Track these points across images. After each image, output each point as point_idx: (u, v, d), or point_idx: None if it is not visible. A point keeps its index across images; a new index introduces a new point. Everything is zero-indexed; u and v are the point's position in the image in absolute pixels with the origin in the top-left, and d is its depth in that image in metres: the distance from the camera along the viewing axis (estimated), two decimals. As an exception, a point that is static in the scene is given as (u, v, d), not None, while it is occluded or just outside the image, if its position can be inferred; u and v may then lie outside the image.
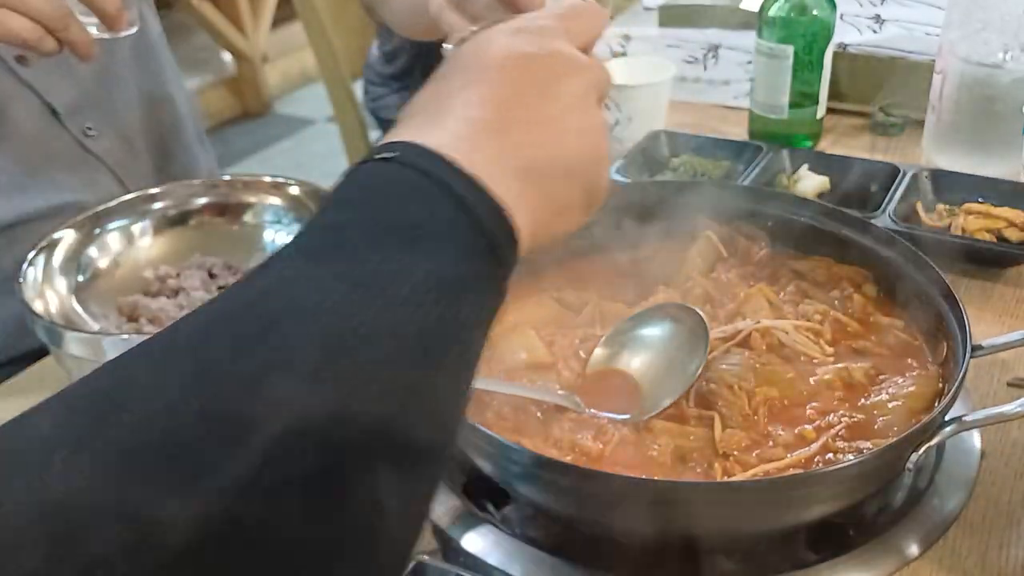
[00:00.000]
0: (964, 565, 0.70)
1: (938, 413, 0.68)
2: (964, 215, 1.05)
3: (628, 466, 0.71)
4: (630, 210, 0.96)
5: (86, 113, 1.18)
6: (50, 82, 1.14)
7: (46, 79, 1.14)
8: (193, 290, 0.95)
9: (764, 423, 0.75)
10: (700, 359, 0.78)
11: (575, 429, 0.75)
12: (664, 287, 0.91)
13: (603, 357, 0.83)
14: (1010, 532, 0.72)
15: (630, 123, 1.33)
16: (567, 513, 0.72)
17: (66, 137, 1.16)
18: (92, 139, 1.18)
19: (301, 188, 1.03)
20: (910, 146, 1.31)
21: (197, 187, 1.05)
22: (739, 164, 1.22)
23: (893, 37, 1.39)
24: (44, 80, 1.14)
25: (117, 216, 1.01)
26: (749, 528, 0.69)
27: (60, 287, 0.94)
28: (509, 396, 0.77)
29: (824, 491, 0.66)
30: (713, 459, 0.72)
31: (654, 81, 1.32)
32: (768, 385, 0.77)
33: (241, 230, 1.04)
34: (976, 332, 0.74)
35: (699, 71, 1.55)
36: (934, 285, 0.82)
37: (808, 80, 1.25)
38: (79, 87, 1.17)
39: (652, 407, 0.77)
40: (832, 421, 0.74)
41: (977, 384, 0.86)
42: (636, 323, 0.84)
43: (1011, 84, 1.14)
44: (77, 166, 1.16)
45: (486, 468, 0.73)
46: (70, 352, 0.81)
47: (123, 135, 1.21)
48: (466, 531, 0.74)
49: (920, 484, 0.76)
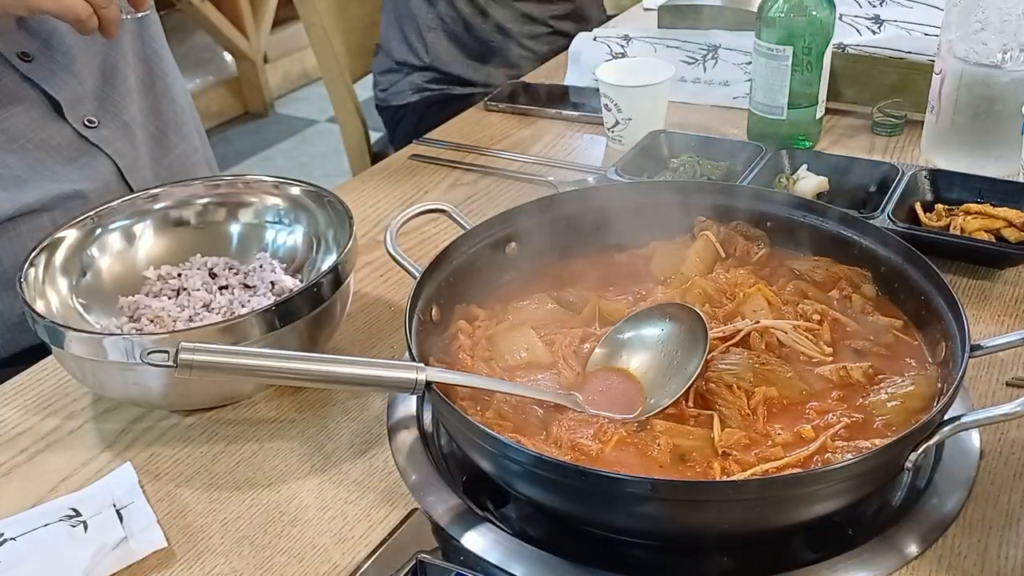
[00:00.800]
0: (963, 564, 0.70)
1: (937, 413, 0.68)
2: (963, 215, 1.05)
3: (627, 465, 0.72)
4: (629, 210, 0.97)
5: (87, 105, 1.19)
6: (53, 77, 1.15)
7: (49, 74, 1.15)
8: (194, 290, 0.96)
9: (763, 422, 0.75)
10: (699, 359, 0.78)
11: (575, 428, 0.75)
12: (663, 287, 0.91)
13: (603, 356, 0.83)
14: (1009, 531, 0.72)
15: (630, 123, 1.33)
16: (567, 512, 0.73)
17: (67, 130, 1.17)
18: (92, 129, 1.19)
19: (302, 188, 1.03)
20: (909, 146, 1.32)
21: (198, 187, 1.05)
22: (738, 164, 1.23)
23: (892, 38, 1.40)
24: (47, 75, 1.15)
25: (118, 216, 1.01)
26: (749, 527, 0.69)
27: (61, 287, 0.94)
28: (509, 395, 0.78)
29: (823, 490, 0.66)
30: (712, 458, 0.72)
31: (654, 81, 1.33)
32: (767, 385, 0.77)
33: (242, 230, 1.04)
34: (975, 332, 0.75)
35: (699, 71, 1.55)
36: (933, 285, 0.82)
37: (807, 80, 1.25)
38: (81, 81, 1.18)
39: (652, 406, 0.77)
40: (831, 421, 0.75)
41: (976, 384, 0.86)
42: (635, 323, 0.84)
43: (1010, 84, 1.14)
44: (77, 156, 1.18)
45: (486, 467, 0.73)
46: (72, 352, 0.82)
47: (123, 125, 1.22)
48: (466, 530, 0.74)
49: (919, 483, 0.76)
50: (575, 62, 1.66)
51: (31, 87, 1.15)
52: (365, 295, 1.06)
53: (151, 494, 0.80)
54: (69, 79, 1.17)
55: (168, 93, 1.32)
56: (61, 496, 0.80)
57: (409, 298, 0.81)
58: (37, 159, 1.16)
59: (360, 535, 0.75)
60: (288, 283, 0.97)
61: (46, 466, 0.85)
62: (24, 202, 1.14)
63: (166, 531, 0.76)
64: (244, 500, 0.80)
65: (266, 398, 0.90)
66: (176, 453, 0.85)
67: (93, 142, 1.19)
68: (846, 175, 1.16)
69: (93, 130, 1.19)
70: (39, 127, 1.16)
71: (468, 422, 0.69)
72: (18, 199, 1.14)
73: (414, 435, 0.84)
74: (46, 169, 1.17)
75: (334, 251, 0.98)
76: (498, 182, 1.30)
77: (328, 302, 0.87)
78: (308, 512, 0.78)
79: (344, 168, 2.37)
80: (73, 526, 0.75)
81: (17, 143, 1.15)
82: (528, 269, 0.95)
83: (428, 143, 1.42)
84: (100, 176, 1.18)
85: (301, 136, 3.92)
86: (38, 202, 1.15)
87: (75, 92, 1.18)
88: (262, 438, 0.86)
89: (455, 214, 0.95)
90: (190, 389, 0.85)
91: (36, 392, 0.94)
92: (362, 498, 0.79)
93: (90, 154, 1.19)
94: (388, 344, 0.98)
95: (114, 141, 1.21)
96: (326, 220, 1.00)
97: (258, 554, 0.74)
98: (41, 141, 1.16)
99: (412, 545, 0.73)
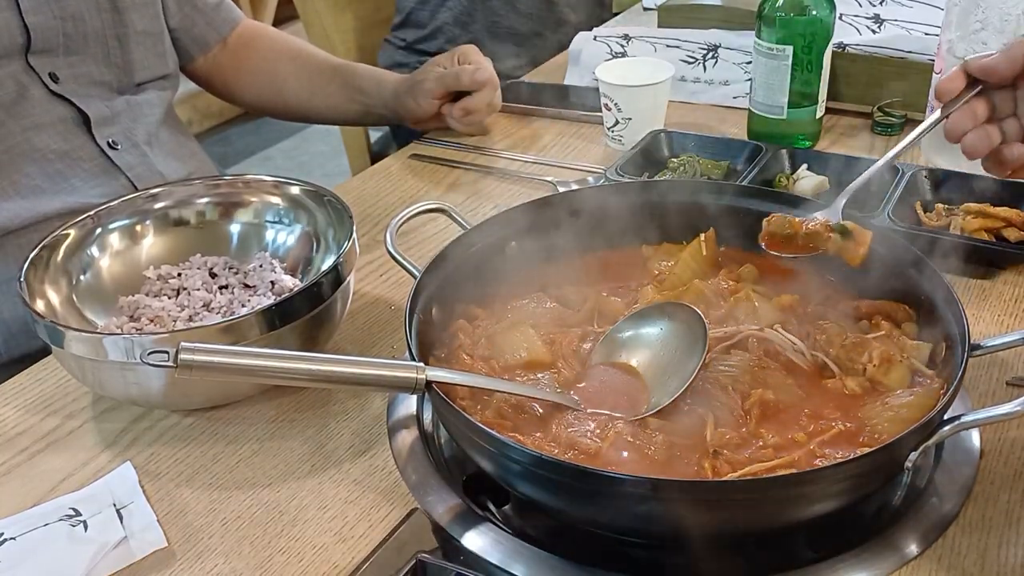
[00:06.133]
0: (963, 564, 0.70)
1: (937, 413, 0.68)
2: (963, 215, 1.05)
3: (625, 464, 0.72)
4: (629, 210, 0.97)
5: (112, 126, 1.21)
6: (82, 95, 1.18)
7: (79, 92, 1.18)
8: (194, 290, 0.96)
9: (755, 424, 0.75)
10: (698, 358, 0.78)
11: (574, 427, 0.75)
12: (659, 287, 0.91)
13: (603, 355, 0.83)
14: (1009, 531, 0.72)
15: (630, 123, 1.33)
16: (566, 511, 0.73)
17: (91, 147, 1.19)
18: (116, 152, 1.21)
19: (302, 188, 1.03)
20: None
21: (198, 187, 1.05)
22: (738, 164, 1.23)
23: (892, 37, 1.40)
24: (77, 93, 1.18)
25: (118, 215, 1.01)
26: (749, 526, 0.69)
27: (62, 286, 0.94)
28: (509, 394, 0.78)
29: (823, 489, 0.66)
30: (704, 458, 0.72)
31: (654, 81, 1.33)
32: (764, 388, 0.77)
33: (242, 230, 1.04)
34: (975, 332, 0.75)
35: (699, 71, 1.55)
36: (933, 285, 0.82)
37: (807, 80, 1.25)
38: (109, 103, 1.21)
39: (652, 405, 0.77)
40: (823, 427, 0.75)
41: (976, 384, 0.86)
42: (635, 321, 0.85)
43: (1010, 84, 1.14)
44: (98, 175, 1.19)
45: (486, 467, 0.73)
46: (72, 351, 0.82)
47: (141, 149, 1.24)
48: (466, 529, 0.74)
49: (919, 483, 0.76)
50: (575, 62, 1.66)
51: (61, 102, 1.18)
52: (365, 295, 1.06)
53: (151, 494, 0.80)
54: (97, 99, 1.21)
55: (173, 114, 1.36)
56: (61, 496, 0.80)
57: (409, 298, 0.81)
58: (60, 170, 1.18)
59: (360, 535, 0.75)
60: (288, 283, 0.97)
61: (46, 466, 0.85)
62: (41, 211, 1.15)
63: (166, 531, 0.76)
64: (244, 500, 0.80)
65: (266, 398, 0.90)
66: (176, 453, 0.85)
67: (117, 164, 1.22)
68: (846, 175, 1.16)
69: (117, 153, 1.23)
70: (65, 140, 1.17)
71: (468, 422, 0.69)
72: (35, 208, 1.15)
73: (414, 435, 0.84)
74: (66, 182, 1.18)
75: (334, 251, 0.98)
76: (498, 182, 1.30)
77: (328, 302, 0.87)
78: (308, 512, 0.78)
79: (344, 168, 2.37)
80: (73, 526, 0.75)
81: (39, 152, 1.16)
82: (528, 269, 0.95)
83: (428, 143, 1.43)
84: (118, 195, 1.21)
85: (301, 136, 3.92)
86: (55, 212, 1.15)
87: (102, 112, 1.21)
88: (262, 438, 0.86)
89: (455, 214, 0.95)
90: (190, 389, 0.85)
91: (36, 392, 0.94)
92: (362, 498, 0.79)
93: (110, 175, 1.21)
94: (388, 344, 0.98)
95: (135, 166, 1.24)
96: (326, 220, 1.00)
97: (258, 554, 0.74)
98: (66, 154, 1.18)
99: (412, 545, 0.73)
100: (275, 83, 1.45)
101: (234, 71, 1.44)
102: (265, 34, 1.47)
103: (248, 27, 1.45)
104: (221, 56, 1.42)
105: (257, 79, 1.45)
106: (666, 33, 1.64)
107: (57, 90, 1.17)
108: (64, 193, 1.18)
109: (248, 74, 1.44)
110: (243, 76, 1.45)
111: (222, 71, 1.44)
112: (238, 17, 1.43)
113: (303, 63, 1.45)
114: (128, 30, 1.23)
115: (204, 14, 1.38)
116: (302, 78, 1.44)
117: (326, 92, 1.43)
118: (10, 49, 1.13)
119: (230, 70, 1.44)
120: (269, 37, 1.47)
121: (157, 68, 1.30)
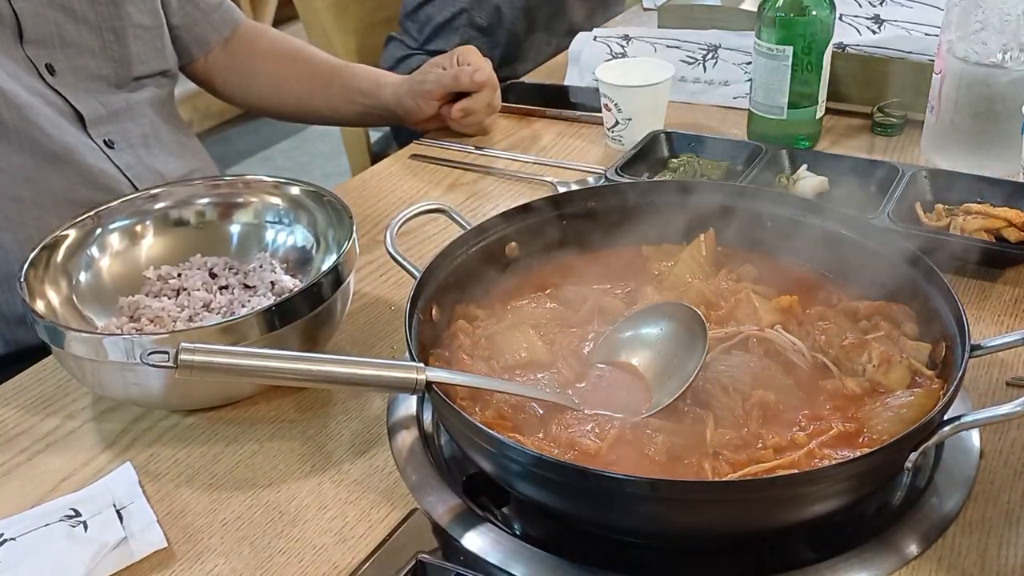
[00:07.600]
0: (963, 564, 0.70)
1: (937, 413, 0.68)
2: (963, 215, 1.05)
3: (625, 464, 0.72)
4: (629, 210, 0.97)
5: (109, 125, 1.21)
6: (78, 91, 1.18)
7: (76, 87, 1.17)
8: (194, 290, 0.96)
9: (756, 425, 0.75)
10: (699, 358, 0.78)
11: (573, 427, 0.75)
12: (660, 287, 0.91)
13: (603, 355, 0.83)
14: (1009, 531, 0.72)
15: (630, 123, 1.33)
16: (566, 511, 0.73)
17: (90, 145, 1.19)
18: (113, 151, 1.21)
19: (302, 188, 1.03)
20: (909, 146, 1.32)
21: (198, 187, 1.05)
22: (738, 164, 1.23)
23: (892, 37, 1.40)
24: (74, 88, 1.17)
25: (118, 216, 1.01)
26: (749, 526, 0.69)
27: (62, 286, 0.94)
28: (509, 395, 0.78)
29: (823, 490, 0.66)
30: (704, 458, 0.72)
31: (654, 81, 1.33)
32: (764, 389, 0.77)
33: (242, 230, 1.04)
34: (975, 332, 0.75)
35: (699, 72, 1.55)
36: (933, 285, 0.82)
37: (807, 80, 1.25)
38: (105, 101, 1.20)
39: (653, 404, 0.77)
40: (823, 428, 0.75)
41: (976, 384, 0.86)
42: (635, 322, 0.85)
43: (1010, 84, 1.14)
44: (97, 176, 1.19)
45: (486, 467, 0.73)
46: (72, 352, 0.82)
47: (137, 150, 1.24)
48: (466, 530, 0.74)
49: (919, 483, 0.76)
50: (575, 62, 1.66)
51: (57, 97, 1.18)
52: (365, 295, 1.06)
53: (151, 494, 0.80)
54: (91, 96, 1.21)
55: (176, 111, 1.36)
56: (61, 496, 0.80)
57: (409, 298, 0.81)
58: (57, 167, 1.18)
59: (360, 535, 0.75)
60: (288, 283, 0.97)
61: (46, 466, 0.85)
62: None
63: (166, 531, 0.76)
64: (244, 500, 0.80)
65: (266, 398, 0.90)
66: (176, 453, 0.85)
67: (116, 163, 1.22)
68: (846, 175, 1.16)
69: (115, 152, 1.23)
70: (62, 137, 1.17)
71: (468, 422, 0.69)
72: None
73: (414, 435, 0.84)
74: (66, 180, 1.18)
75: (334, 251, 0.98)
76: (498, 182, 1.30)
77: (328, 302, 0.87)
78: (308, 512, 0.78)
79: (344, 168, 2.37)
80: (73, 526, 0.75)
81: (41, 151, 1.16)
82: (528, 269, 0.95)
83: (428, 143, 1.43)
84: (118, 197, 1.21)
85: (301, 136, 3.92)
86: None
87: (96, 110, 1.21)
88: (262, 438, 0.86)
89: (455, 214, 0.96)
90: (190, 389, 0.85)
91: (36, 392, 0.94)
92: (362, 498, 0.79)
93: (109, 175, 1.21)
94: (388, 344, 0.98)
95: (134, 166, 1.24)
96: (326, 220, 1.00)
97: (258, 554, 0.74)
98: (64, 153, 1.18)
99: (412, 545, 0.73)
100: (275, 84, 1.45)
101: (234, 72, 1.44)
102: (265, 35, 1.47)
103: (249, 28, 1.45)
104: (221, 56, 1.42)
105: (257, 80, 1.45)
106: (666, 33, 1.64)
107: (53, 83, 1.17)
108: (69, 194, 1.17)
109: (248, 75, 1.44)
110: (243, 77, 1.45)
111: (222, 71, 1.44)
112: (239, 18, 1.43)
113: (303, 64, 1.45)
114: (125, 23, 1.23)
115: (205, 13, 1.38)
116: (302, 79, 1.44)
117: (326, 93, 1.44)
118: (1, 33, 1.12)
119: (230, 71, 1.44)
120: (269, 38, 1.47)
121: (155, 63, 1.29)
